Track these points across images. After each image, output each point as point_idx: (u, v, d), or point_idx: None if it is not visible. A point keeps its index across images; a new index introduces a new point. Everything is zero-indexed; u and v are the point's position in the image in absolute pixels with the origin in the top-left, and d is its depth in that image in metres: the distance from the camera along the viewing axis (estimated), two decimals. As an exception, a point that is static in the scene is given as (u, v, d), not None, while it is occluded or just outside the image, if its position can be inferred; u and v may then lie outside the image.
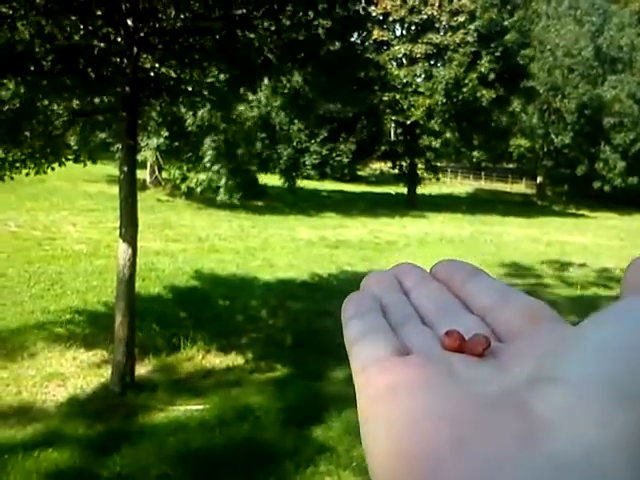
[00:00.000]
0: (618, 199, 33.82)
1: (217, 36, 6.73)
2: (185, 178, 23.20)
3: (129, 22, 6.23)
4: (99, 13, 6.27)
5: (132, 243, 6.56)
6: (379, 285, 0.37)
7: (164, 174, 25.49)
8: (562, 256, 16.78)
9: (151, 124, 9.21)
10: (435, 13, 29.22)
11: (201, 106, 7.98)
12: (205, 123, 13.23)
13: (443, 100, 28.32)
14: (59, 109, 7.02)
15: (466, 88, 28.42)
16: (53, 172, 7.65)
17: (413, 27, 30.27)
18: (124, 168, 6.54)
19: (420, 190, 31.26)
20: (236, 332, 8.68)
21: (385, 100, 28.09)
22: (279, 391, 6.76)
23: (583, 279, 13.69)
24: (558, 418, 0.22)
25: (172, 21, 6.60)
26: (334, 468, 5.22)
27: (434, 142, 29.41)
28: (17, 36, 5.90)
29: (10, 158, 7.00)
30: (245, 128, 20.10)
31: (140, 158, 18.02)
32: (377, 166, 41.71)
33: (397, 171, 30.93)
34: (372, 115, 29.59)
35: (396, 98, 28.43)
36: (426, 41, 29.33)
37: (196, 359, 7.63)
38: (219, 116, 13.18)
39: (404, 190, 31.12)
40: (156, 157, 22.16)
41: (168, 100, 7.25)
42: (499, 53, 29.12)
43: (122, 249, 6.55)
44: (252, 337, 8.55)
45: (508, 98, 30.46)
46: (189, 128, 11.56)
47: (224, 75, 7.10)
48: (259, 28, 6.83)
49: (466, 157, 41.00)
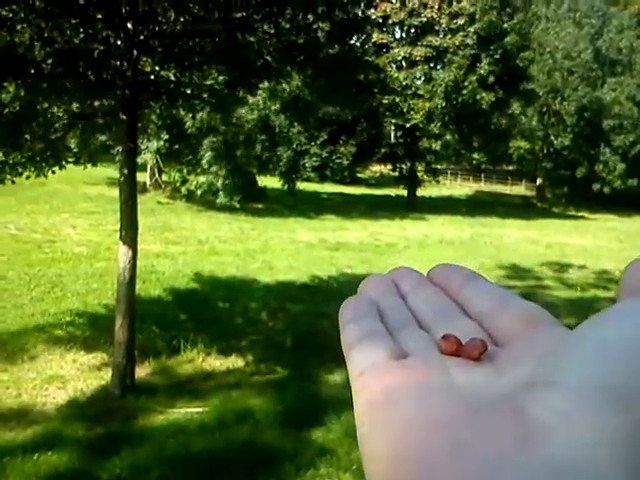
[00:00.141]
0: (618, 201, 33.83)
1: (217, 39, 6.74)
2: (185, 181, 23.21)
3: (129, 25, 6.23)
4: (99, 16, 6.28)
5: (132, 245, 6.55)
6: (376, 289, 0.37)
7: (164, 177, 25.51)
8: (562, 258, 16.78)
9: (151, 127, 9.21)
10: (435, 16, 29.24)
11: (200, 109, 7.97)
12: (205, 125, 13.23)
13: (443, 103, 28.32)
14: (59, 112, 7.02)
15: (466, 90, 28.43)
16: (53, 175, 7.65)
17: (413, 30, 30.29)
18: (124, 171, 6.54)
19: (420, 192, 31.26)
20: (236, 334, 8.68)
21: (385, 103, 28.11)
22: (279, 393, 6.75)
23: (583, 281, 13.68)
24: (554, 422, 0.22)
25: (172, 24, 6.61)
26: (334, 471, 5.21)
27: (434, 144, 29.41)
28: (17, 39, 5.90)
29: (11, 161, 6.99)
30: (245, 130, 20.11)
31: (140, 161, 18.00)
32: (377, 168, 41.71)
33: (397, 173, 30.93)
34: (372, 118, 29.60)
35: (396, 101, 28.45)
36: (426, 44, 29.34)
37: (196, 361, 7.62)
38: (219, 118, 13.18)
39: (404, 192, 31.12)
40: (156, 160, 22.17)
41: (168, 103, 7.25)
42: (499, 56, 29.13)
43: (122, 251, 6.55)
44: (252, 339, 8.54)
45: (508, 100, 30.47)
46: (189, 130, 11.55)
47: (223, 77, 7.10)
48: (258, 31, 6.84)
49: (466, 159, 41.04)
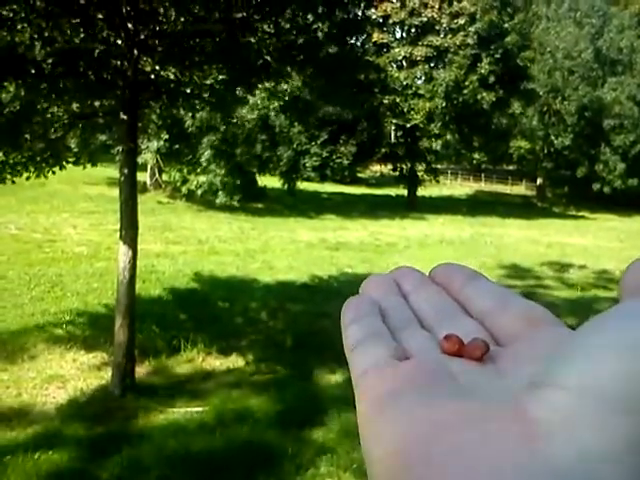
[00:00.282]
0: (618, 201, 33.83)
1: (217, 39, 6.73)
2: (185, 180, 23.22)
3: (129, 25, 6.23)
4: (100, 16, 6.27)
5: (132, 245, 6.55)
6: (378, 289, 0.37)
7: (164, 176, 25.52)
8: (562, 258, 16.78)
9: (151, 127, 9.21)
10: (435, 15, 29.23)
11: (201, 109, 7.98)
12: (205, 125, 13.24)
13: (443, 103, 28.31)
14: (59, 111, 7.02)
15: (466, 90, 28.42)
16: (53, 175, 7.65)
17: (413, 29, 30.29)
18: (124, 170, 6.54)
19: (420, 192, 31.26)
20: (236, 334, 8.68)
21: (385, 103, 28.11)
22: (279, 393, 6.75)
23: (583, 280, 13.68)
24: (555, 422, 0.22)
25: (172, 24, 6.60)
26: (335, 470, 5.21)
27: (434, 144, 29.41)
28: (17, 38, 5.90)
29: (11, 160, 6.99)
30: (245, 130, 20.11)
31: (140, 161, 18.02)
32: (377, 168, 41.72)
33: (397, 173, 30.94)
34: (372, 117, 29.59)
35: (396, 101, 28.44)
36: (426, 43, 29.34)
37: (196, 361, 7.62)
38: (219, 118, 13.19)
39: (404, 192, 31.12)
40: (156, 159, 22.19)
41: (168, 103, 7.25)
42: (499, 55, 29.12)
43: (122, 251, 6.55)
44: (252, 339, 8.54)
45: (508, 100, 30.46)
46: (189, 129, 11.56)
47: (223, 76, 7.10)
48: (259, 31, 6.83)
49: (466, 159, 41.02)
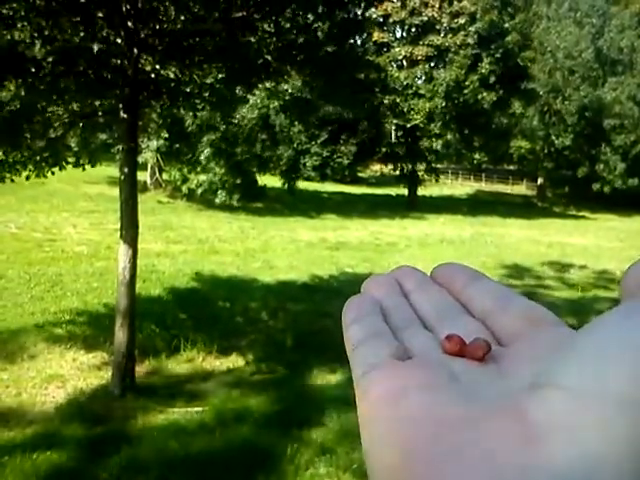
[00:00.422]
0: (618, 201, 33.86)
1: (217, 38, 6.73)
2: (186, 180, 23.24)
3: (129, 24, 6.23)
4: (100, 15, 6.27)
5: (132, 245, 6.55)
6: (379, 288, 0.37)
7: (164, 176, 25.54)
8: (563, 257, 16.79)
9: (151, 126, 9.21)
10: (435, 15, 29.25)
11: (201, 108, 7.98)
12: (205, 124, 13.24)
13: (444, 102, 28.33)
14: (59, 110, 7.01)
15: (467, 90, 28.44)
16: (53, 174, 7.65)
17: (413, 29, 30.30)
18: (125, 170, 6.54)
19: (421, 192, 31.29)
20: (236, 334, 8.68)
21: (385, 103, 28.11)
22: (279, 393, 6.76)
23: (584, 280, 13.69)
24: (556, 423, 0.22)
25: (172, 23, 6.60)
26: (334, 470, 5.21)
27: (435, 144, 29.43)
28: (17, 37, 5.90)
29: (10, 160, 6.99)
30: (245, 129, 20.12)
31: (141, 160, 18.04)
32: (377, 168, 41.72)
33: (398, 173, 30.96)
34: (373, 117, 29.61)
35: (396, 101, 28.45)
36: (427, 43, 29.36)
37: (196, 361, 7.62)
38: (219, 117, 13.19)
39: (405, 192, 31.14)
40: (157, 159, 22.21)
41: (168, 102, 7.25)
42: (500, 55, 29.14)
43: (122, 251, 6.55)
44: (252, 339, 8.54)
45: (509, 100, 30.49)
46: (189, 128, 11.57)
47: (222, 75, 7.10)
48: (259, 30, 6.83)
49: (467, 159, 41.03)
